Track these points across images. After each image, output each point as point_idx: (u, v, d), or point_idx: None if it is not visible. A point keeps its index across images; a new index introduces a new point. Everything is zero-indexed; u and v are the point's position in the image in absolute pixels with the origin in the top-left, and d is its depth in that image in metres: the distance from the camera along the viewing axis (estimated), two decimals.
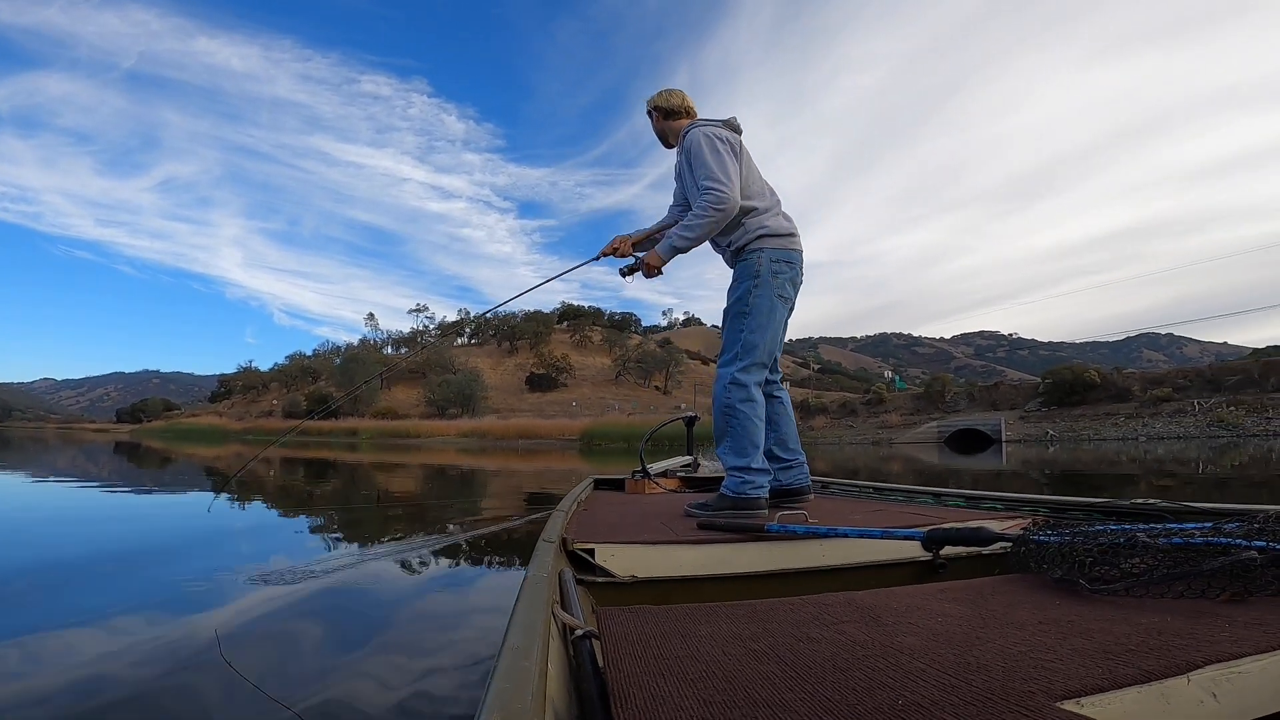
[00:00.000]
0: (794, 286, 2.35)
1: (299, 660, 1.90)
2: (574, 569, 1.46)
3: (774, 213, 2.34)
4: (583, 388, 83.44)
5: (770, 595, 1.31)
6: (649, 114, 2.64)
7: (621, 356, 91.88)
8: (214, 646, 1.95)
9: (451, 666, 1.85)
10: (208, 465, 13.30)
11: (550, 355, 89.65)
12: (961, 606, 1.15)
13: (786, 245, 2.31)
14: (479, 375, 71.90)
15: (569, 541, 1.63)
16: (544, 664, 0.72)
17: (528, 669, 0.66)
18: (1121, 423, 23.62)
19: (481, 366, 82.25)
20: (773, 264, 2.27)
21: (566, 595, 1.18)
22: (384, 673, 1.78)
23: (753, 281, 2.27)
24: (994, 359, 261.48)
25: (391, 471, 12.21)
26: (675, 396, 78.11)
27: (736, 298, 2.32)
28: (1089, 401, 27.86)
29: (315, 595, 2.62)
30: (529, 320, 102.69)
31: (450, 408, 64.02)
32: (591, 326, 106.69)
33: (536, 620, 0.84)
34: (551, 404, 70.68)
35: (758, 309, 2.26)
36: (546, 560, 1.25)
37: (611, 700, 0.75)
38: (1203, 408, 21.78)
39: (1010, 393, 33.17)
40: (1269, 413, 19.94)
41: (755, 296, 2.26)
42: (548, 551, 1.33)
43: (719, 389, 2.29)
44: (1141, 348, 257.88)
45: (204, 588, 2.75)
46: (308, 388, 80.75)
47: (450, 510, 5.60)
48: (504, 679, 0.63)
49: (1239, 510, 1.59)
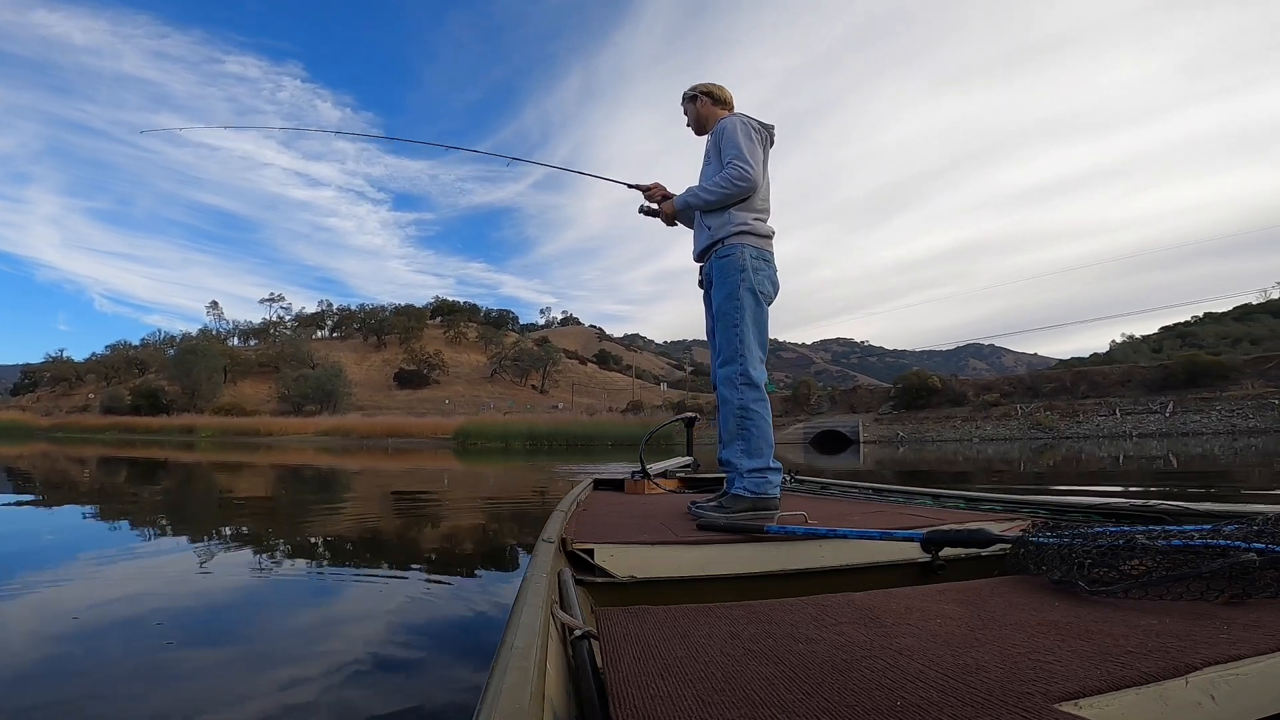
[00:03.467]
0: (773, 286, 2.36)
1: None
2: (573, 569, 1.44)
3: (762, 215, 2.37)
4: (456, 385, 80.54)
5: (769, 596, 1.32)
6: (693, 99, 2.61)
7: (498, 354, 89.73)
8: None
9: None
10: (8, 465, 11.65)
11: (422, 351, 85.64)
12: (960, 608, 1.15)
13: (764, 246, 2.33)
14: (341, 370, 67.27)
15: (568, 542, 1.62)
16: (543, 664, 0.71)
17: (526, 669, 0.66)
18: (959, 425, 26.29)
19: (345, 361, 76.84)
20: (753, 260, 2.28)
21: (565, 596, 1.16)
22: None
23: (739, 276, 2.27)
24: (848, 365, 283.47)
25: (237, 472, 11.16)
26: (553, 396, 77.44)
27: (726, 294, 2.29)
28: (932, 405, 30.78)
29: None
30: (399, 314, 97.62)
31: (308, 404, 59.44)
32: (467, 323, 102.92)
33: (535, 620, 0.83)
34: (423, 402, 67.47)
35: (747, 304, 2.25)
36: (546, 560, 1.25)
37: (610, 701, 0.75)
38: (1024, 412, 24.76)
39: (867, 396, 35.93)
40: (1079, 417, 23.03)
41: (744, 291, 2.26)
42: (547, 552, 1.33)
43: (728, 391, 2.25)
44: (969, 357, 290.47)
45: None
46: (133, 381, 71.46)
47: (311, 515, 5.01)
48: (502, 679, 0.63)
49: (1238, 513, 1.61)
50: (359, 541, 3.93)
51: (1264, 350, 26.42)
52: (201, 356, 66.27)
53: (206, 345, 71.78)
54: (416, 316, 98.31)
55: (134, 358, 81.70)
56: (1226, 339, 42.40)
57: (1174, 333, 53.51)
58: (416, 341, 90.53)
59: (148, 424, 46.25)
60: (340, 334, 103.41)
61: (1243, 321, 50.18)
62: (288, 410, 56.93)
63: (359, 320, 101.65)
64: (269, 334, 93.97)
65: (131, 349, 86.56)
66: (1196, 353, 25.76)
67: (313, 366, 70.25)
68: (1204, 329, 51.24)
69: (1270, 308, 52.29)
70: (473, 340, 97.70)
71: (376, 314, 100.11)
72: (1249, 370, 21.62)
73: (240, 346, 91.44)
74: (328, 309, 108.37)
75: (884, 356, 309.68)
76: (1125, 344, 57.59)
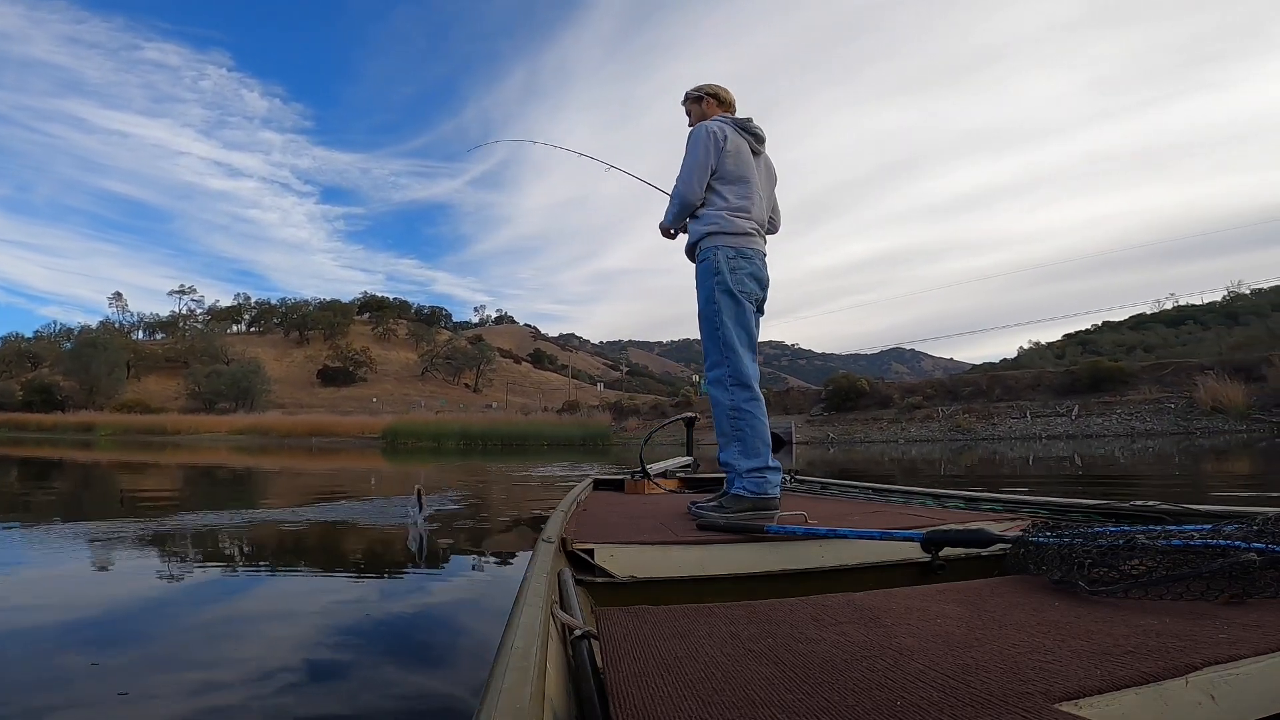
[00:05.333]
0: (758, 283, 2.33)
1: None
2: (573, 569, 1.42)
3: (739, 211, 2.31)
4: (385, 383, 77.77)
5: (769, 596, 1.32)
6: (698, 99, 2.57)
7: (429, 352, 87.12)
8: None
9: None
10: None
11: (349, 348, 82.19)
12: (960, 608, 1.14)
13: (741, 244, 2.29)
14: (260, 366, 63.82)
15: (568, 542, 1.62)
16: (543, 664, 0.71)
17: (526, 669, 0.66)
18: (885, 427, 27.34)
19: (264, 357, 72.85)
20: (729, 260, 2.25)
21: (565, 595, 1.15)
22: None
23: (714, 279, 2.25)
24: (779, 367, 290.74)
25: (140, 472, 10.45)
26: (487, 395, 75.89)
27: (705, 299, 2.29)
28: (860, 408, 31.88)
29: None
30: (325, 309, 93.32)
31: (221, 402, 56.04)
32: (397, 319, 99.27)
33: (535, 620, 0.83)
34: (348, 400, 64.72)
35: (725, 306, 2.24)
36: (546, 560, 1.24)
37: (610, 701, 0.75)
38: (945, 415, 26.00)
39: (799, 398, 36.86)
40: (994, 419, 24.40)
41: (720, 294, 2.24)
42: (547, 552, 1.32)
43: (719, 393, 2.24)
44: (891, 360, 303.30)
45: None
46: (25, 375, 65.49)
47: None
48: (502, 679, 0.63)
49: (1238, 513, 1.62)
50: (279, 542, 3.66)
51: (1157, 357, 28.83)
52: (102, 350, 61.64)
53: (108, 339, 66.80)
54: (343, 312, 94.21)
55: (26, 350, 74.99)
56: (1123, 346, 46.00)
57: (1076, 340, 57.49)
58: (343, 338, 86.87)
59: (40, 421, 42.75)
60: (259, 329, 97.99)
61: (1138, 330, 54.55)
62: (198, 408, 53.46)
63: (280, 315, 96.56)
64: (178, 327, 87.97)
65: (24, 341, 79.35)
66: (1099, 359, 27.79)
67: (227, 362, 66.21)
68: (1103, 337, 55.33)
69: (1162, 318, 57.06)
70: (403, 337, 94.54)
71: (299, 309, 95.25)
72: (1146, 376, 23.46)
73: (146, 340, 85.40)
74: (245, 302, 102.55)
75: (813, 359, 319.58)
76: (1032, 350, 61.35)
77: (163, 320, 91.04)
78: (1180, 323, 53.09)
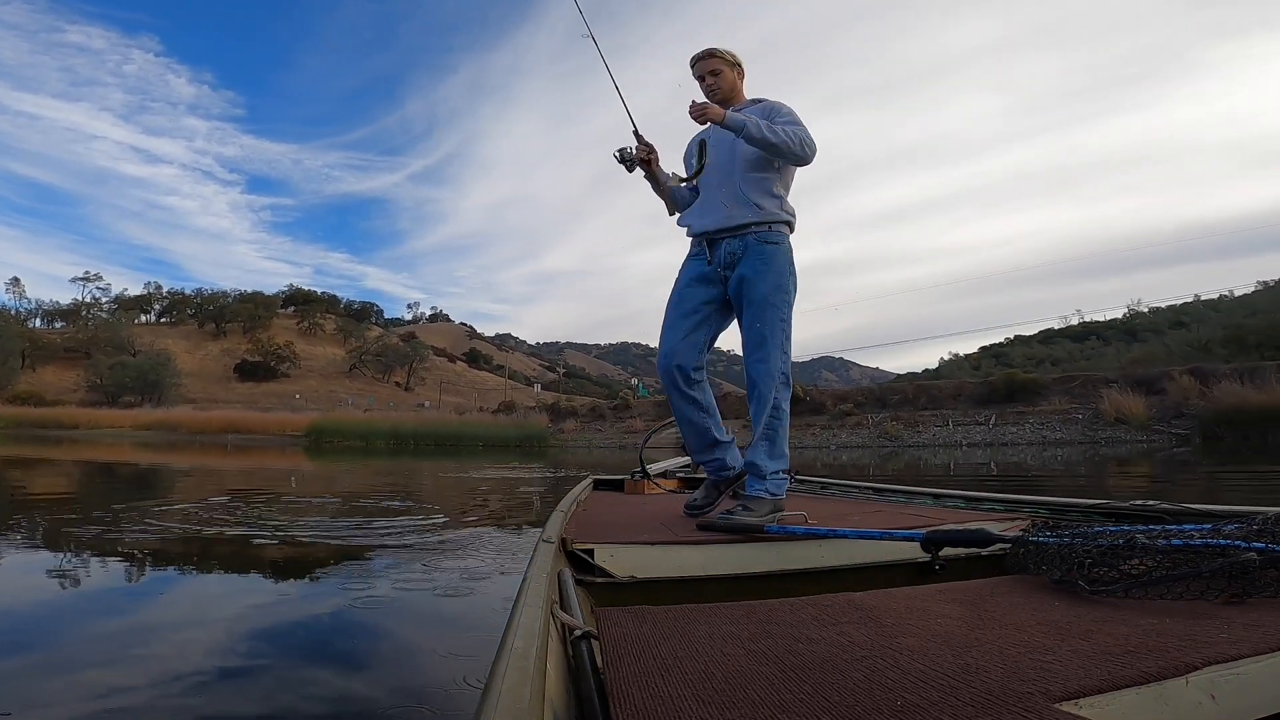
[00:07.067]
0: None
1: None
2: (573, 569, 1.42)
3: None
4: (309, 380, 74.45)
5: (769, 596, 1.32)
6: (735, 65, 2.31)
7: (358, 348, 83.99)
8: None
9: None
10: None
11: (270, 342, 78.26)
12: (960, 608, 1.14)
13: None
14: (170, 359, 59.98)
15: (568, 542, 1.61)
16: (543, 665, 0.72)
17: (526, 670, 0.66)
18: (818, 433, 28.04)
19: (175, 349, 68.49)
20: (791, 252, 2.22)
21: (566, 596, 1.15)
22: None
23: (790, 266, 2.18)
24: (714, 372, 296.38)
25: (31, 468, 9.61)
26: (419, 394, 73.68)
27: (775, 285, 2.15)
28: (795, 413, 32.40)
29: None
30: (245, 301, 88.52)
31: (126, 395, 52.27)
32: (324, 314, 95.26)
33: (535, 621, 0.83)
34: (268, 396, 61.52)
35: (793, 299, 2.19)
36: (545, 561, 1.24)
37: (611, 701, 0.75)
38: (874, 422, 26.90)
39: (736, 403, 37.42)
40: (919, 427, 25.40)
41: (792, 285, 2.18)
42: (547, 552, 1.32)
43: (767, 389, 2.12)
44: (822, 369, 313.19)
45: None
46: None
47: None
48: (503, 680, 0.63)
49: (1238, 512, 1.64)
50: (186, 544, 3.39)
51: (1064, 370, 30.68)
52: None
53: (2, 325, 61.23)
54: (265, 305, 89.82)
55: None
56: (1033, 359, 48.64)
57: (990, 353, 60.66)
58: (264, 331, 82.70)
59: None
60: (171, 320, 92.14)
61: (1046, 344, 57.93)
62: (100, 401, 49.60)
63: (194, 306, 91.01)
64: (81, 316, 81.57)
65: None
66: (1014, 371, 29.34)
67: (134, 353, 62.05)
68: (1014, 350, 58.56)
69: (1068, 333, 60.91)
70: (330, 333, 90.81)
71: (216, 300, 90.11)
72: (1057, 388, 24.93)
73: (44, 329, 78.94)
74: (155, 292, 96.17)
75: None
76: (952, 361, 64.36)
77: (64, 308, 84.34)
78: (1085, 338, 56.65)
